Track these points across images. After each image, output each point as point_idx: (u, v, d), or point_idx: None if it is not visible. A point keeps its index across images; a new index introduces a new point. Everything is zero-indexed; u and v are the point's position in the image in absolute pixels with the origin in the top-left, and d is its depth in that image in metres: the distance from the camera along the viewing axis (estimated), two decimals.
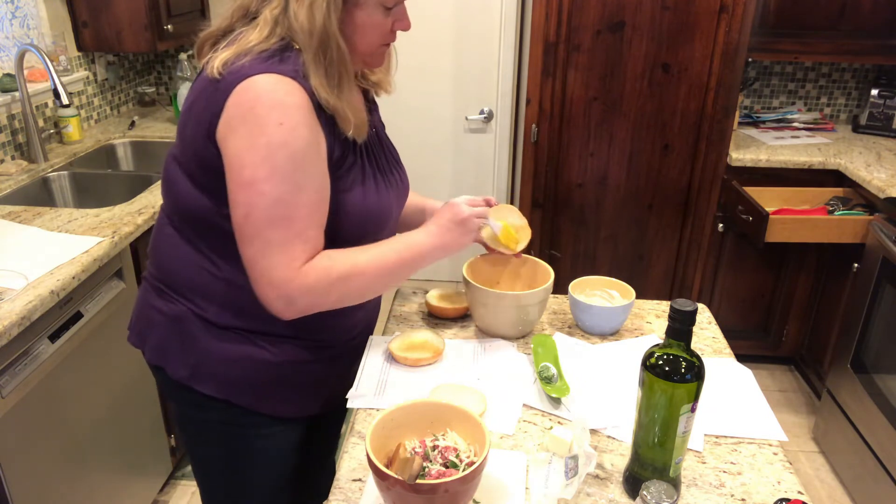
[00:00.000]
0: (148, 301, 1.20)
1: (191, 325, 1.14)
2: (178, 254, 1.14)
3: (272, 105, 0.98)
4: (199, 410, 1.20)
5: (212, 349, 1.15)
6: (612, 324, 1.37)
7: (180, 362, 1.16)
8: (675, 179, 2.54)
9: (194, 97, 1.06)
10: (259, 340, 1.15)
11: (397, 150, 1.36)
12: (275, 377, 1.18)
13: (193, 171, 1.07)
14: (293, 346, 1.18)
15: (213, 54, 1.04)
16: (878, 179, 2.36)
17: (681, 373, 0.90)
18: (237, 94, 0.98)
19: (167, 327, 1.17)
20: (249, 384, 1.17)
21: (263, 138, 0.97)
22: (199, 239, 1.12)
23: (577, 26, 2.34)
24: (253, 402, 1.19)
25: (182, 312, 1.15)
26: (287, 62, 1.01)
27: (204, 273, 1.12)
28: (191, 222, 1.12)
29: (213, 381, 1.16)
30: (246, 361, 1.15)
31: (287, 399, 1.22)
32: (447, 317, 1.42)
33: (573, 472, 0.98)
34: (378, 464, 0.87)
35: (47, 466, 1.57)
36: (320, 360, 1.22)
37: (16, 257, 1.62)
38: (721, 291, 2.81)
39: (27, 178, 2.20)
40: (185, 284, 1.14)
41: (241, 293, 1.10)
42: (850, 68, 3.03)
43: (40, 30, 2.51)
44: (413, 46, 3.04)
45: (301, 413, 1.26)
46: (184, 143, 1.08)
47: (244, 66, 1.00)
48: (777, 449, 1.09)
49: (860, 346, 2.29)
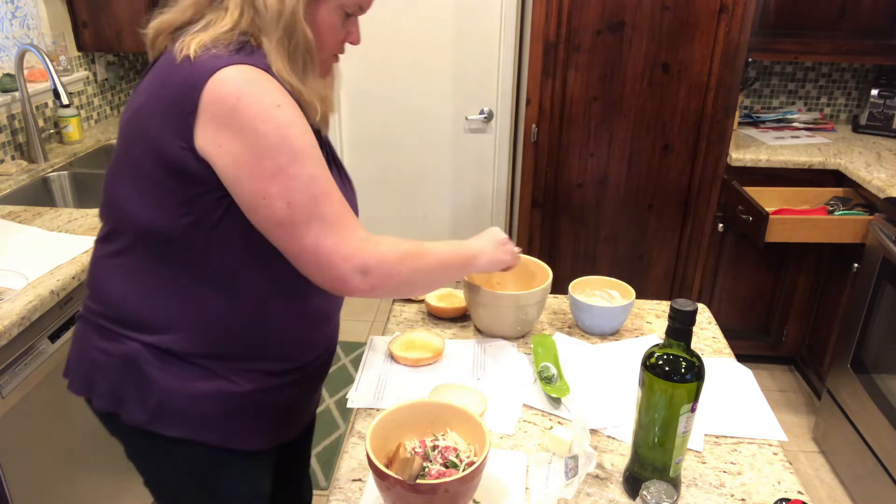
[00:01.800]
0: (90, 343, 1.09)
1: (146, 364, 1.04)
2: (130, 284, 1.04)
3: (261, 91, 0.93)
4: (162, 455, 1.11)
5: (173, 386, 1.04)
6: (612, 324, 1.37)
7: (137, 406, 1.05)
8: (675, 179, 2.54)
9: (151, 94, 0.98)
10: (222, 369, 1.06)
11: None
12: (243, 408, 1.09)
13: (162, 186, 0.97)
14: (257, 373, 1.09)
15: (187, 38, 0.96)
16: (878, 179, 2.36)
17: (681, 373, 0.90)
18: (213, 89, 0.91)
19: (117, 370, 1.05)
20: (217, 419, 1.08)
21: (268, 124, 0.92)
22: (159, 261, 1.02)
23: (577, 26, 2.34)
24: (222, 438, 1.09)
25: (135, 350, 1.04)
26: (253, 56, 0.96)
27: (165, 300, 1.03)
28: (149, 244, 1.01)
29: (178, 420, 1.06)
30: (212, 395, 1.06)
31: (257, 430, 1.13)
32: (446, 317, 1.42)
33: (573, 472, 0.98)
34: (378, 464, 0.87)
35: (47, 466, 1.57)
36: (287, 383, 1.14)
37: (16, 257, 1.62)
38: (721, 291, 2.81)
39: (27, 178, 2.19)
40: (140, 319, 1.04)
41: (208, 311, 1.03)
42: (850, 68, 3.03)
43: (40, 30, 2.51)
44: (413, 46, 3.04)
45: (272, 443, 1.18)
46: (143, 154, 0.97)
47: (211, 60, 0.93)
48: (777, 449, 1.09)
49: (860, 346, 2.29)
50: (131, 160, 1.00)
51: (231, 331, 1.05)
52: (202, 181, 0.95)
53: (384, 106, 3.15)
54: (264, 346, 1.09)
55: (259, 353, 1.09)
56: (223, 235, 0.99)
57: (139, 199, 0.99)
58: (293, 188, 0.93)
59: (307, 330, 1.14)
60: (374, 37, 2.99)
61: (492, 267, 1.26)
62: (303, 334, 1.14)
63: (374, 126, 3.19)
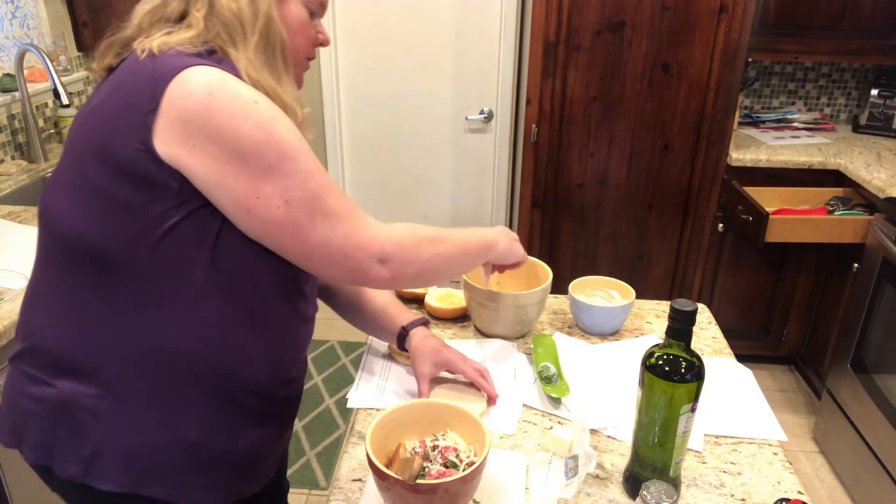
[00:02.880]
0: (19, 390, 0.96)
1: (78, 409, 0.91)
2: (63, 319, 0.93)
3: (235, 89, 0.86)
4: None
5: (112, 433, 0.92)
6: (612, 324, 1.37)
7: (70, 457, 0.93)
8: (675, 179, 2.54)
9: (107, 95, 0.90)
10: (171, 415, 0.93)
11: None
12: (193, 459, 0.95)
13: (103, 190, 0.87)
14: (213, 418, 0.95)
15: (144, 39, 0.90)
16: (878, 179, 2.36)
17: (681, 373, 0.90)
18: (179, 87, 0.83)
19: (48, 417, 0.93)
20: (162, 471, 0.94)
21: (248, 121, 0.85)
22: (97, 288, 0.90)
23: (577, 26, 2.34)
24: (168, 492, 0.95)
25: (68, 395, 0.92)
26: (221, 63, 0.89)
27: (101, 333, 0.91)
28: (87, 268, 0.90)
29: (115, 473, 0.93)
30: (156, 445, 0.93)
31: (211, 485, 0.98)
32: (446, 317, 1.42)
33: (573, 472, 0.98)
34: (378, 464, 0.87)
35: None
36: (247, 429, 1.00)
37: (16, 257, 1.62)
38: (721, 291, 2.81)
39: (27, 178, 2.20)
40: (72, 357, 0.92)
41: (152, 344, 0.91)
42: (850, 68, 3.03)
43: (40, 30, 2.51)
44: (413, 46, 3.04)
45: (229, 499, 1.02)
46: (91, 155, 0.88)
47: (176, 58, 0.86)
48: (777, 449, 1.09)
49: (860, 346, 2.29)
50: (76, 169, 0.90)
51: (183, 368, 0.92)
52: (157, 187, 0.86)
53: (384, 106, 3.15)
54: (221, 386, 0.95)
55: (215, 394, 0.95)
56: (175, 253, 0.88)
57: (79, 212, 0.89)
58: (289, 186, 0.88)
59: (275, 366, 1.00)
60: (374, 37, 2.99)
61: (507, 257, 1.22)
62: (269, 371, 0.99)
63: (374, 126, 3.19)
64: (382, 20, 2.98)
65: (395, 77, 3.10)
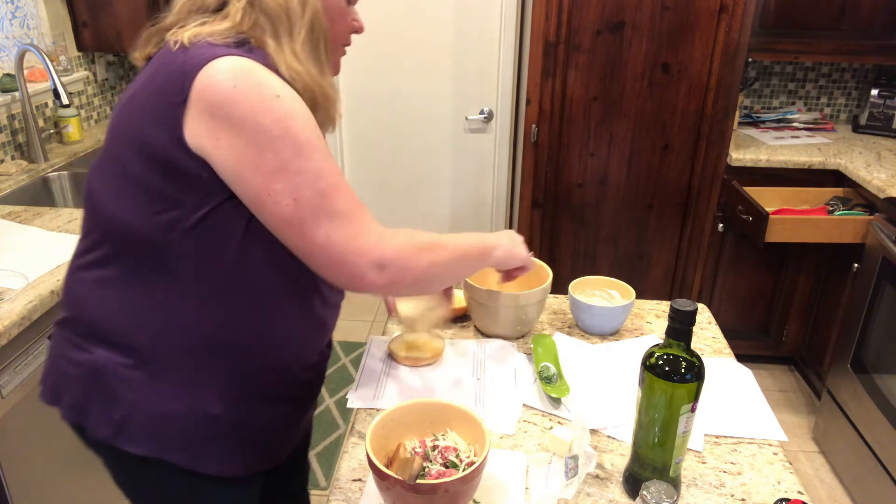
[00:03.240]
0: (61, 353, 1.04)
1: (111, 376, 0.98)
2: (104, 296, 0.99)
3: (259, 81, 0.87)
4: (131, 473, 1.06)
5: (140, 402, 0.98)
6: (612, 324, 1.37)
7: (102, 420, 1.00)
8: (675, 179, 2.54)
9: (141, 86, 0.93)
10: (193, 382, 0.99)
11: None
12: (215, 431, 1.01)
13: (140, 178, 0.91)
14: (237, 395, 1.01)
15: (178, 30, 0.92)
16: (878, 179, 2.36)
17: (681, 373, 0.90)
18: (206, 79, 0.85)
19: (84, 381, 1.00)
20: (186, 439, 1.00)
21: (268, 116, 0.86)
22: (135, 271, 0.96)
23: (577, 26, 2.34)
24: (190, 460, 1.02)
25: (103, 362, 0.98)
26: (252, 53, 0.90)
27: (133, 306, 0.97)
28: (126, 251, 0.96)
29: (143, 437, 0.99)
30: (181, 414, 0.99)
31: (230, 456, 1.04)
32: None
33: (573, 472, 0.98)
34: (378, 464, 0.87)
35: (47, 467, 1.57)
36: (268, 407, 1.06)
37: (16, 257, 1.62)
38: (721, 291, 2.81)
39: (27, 178, 2.20)
40: (108, 326, 0.98)
41: (185, 325, 0.96)
42: (850, 68, 3.03)
43: (40, 30, 2.51)
44: (413, 46, 3.04)
45: (249, 470, 1.08)
46: (128, 150, 0.92)
47: (206, 48, 0.88)
48: (777, 449, 1.09)
49: (860, 346, 2.29)
50: (114, 156, 0.95)
51: (208, 348, 0.97)
52: (189, 177, 0.89)
53: (384, 106, 3.15)
54: (243, 367, 1.00)
55: (237, 373, 1.00)
56: (206, 240, 0.93)
57: (116, 198, 0.94)
58: (299, 184, 0.89)
59: (298, 351, 1.06)
60: (374, 37, 2.99)
61: (508, 261, 1.21)
62: (291, 356, 1.05)
63: (374, 126, 3.19)
64: (382, 20, 2.98)
65: (395, 77, 3.10)
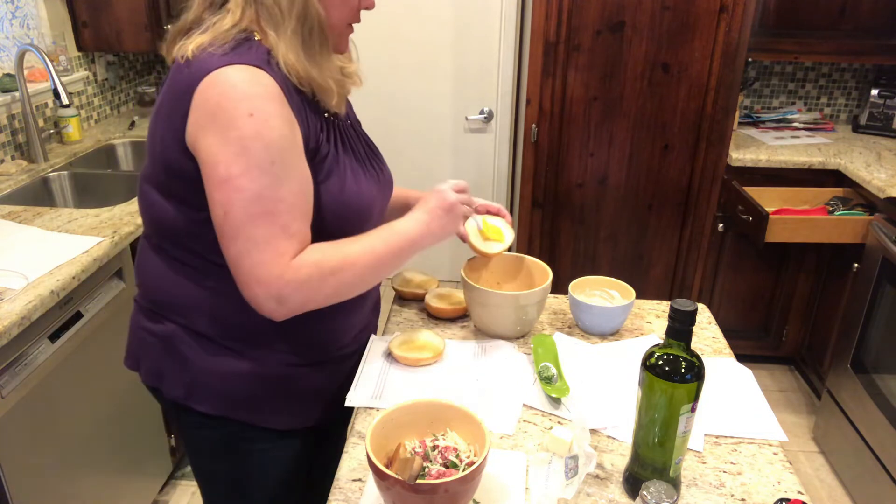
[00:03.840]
0: (139, 323, 1.18)
1: (181, 344, 1.12)
2: (160, 272, 1.12)
3: (239, 97, 0.94)
4: (198, 428, 1.20)
5: (204, 366, 1.12)
6: (612, 324, 1.37)
7: (175, 382, 1.15)
8: (675, 179, 2.54)
9: (162, 98, 1.03)
10: (250, 352, 1.13)
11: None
12: (270, 390, 1.16)
13: (165, 184, 1.04)
14: (285, 357, 1.15)
15: (186, 41, 1.00)
16: (878, 179, 2.36)
17: (681, 373, 0.90)
18: (201, 91, 0.95)
19: (159, 348, 1.15)
20: (244, 399, 1.15)
21: (235, 132, 0.94)
22: (179, 252, 1.09)
23: (577, 26, 2.34)
24: (250, 416, 1.17)
25: (172, 331, 1.13)
26: (251, 52, 0.97)
27: (188, 287, 1.10)
28: (168, 237, 1.09)
29: (209, 398, 1.14)
30: (239, 376, 1.13)
31: (284, 411, 1.20)
32: (446, 317, 1.42)
33: (573, 472, 0.98)
34: (378, 464, 0.87)
35: (47, 466, 1.57)
36: (315, 369, 1.20)
37: (16, 257, 1.62)
38: (721, 291, 2.81)
39: (27, 178, 2.20)
40: (171, 302, 1.12)
41: (227, 303, 1.08)
42: (850, 68, 3.03)
43: (40, 30, 2.51)
44: (413, 46, 3.04)
45: (301, 424, 1.23)
46: (154, 155, 1.05)
47: (207, 60, 0.96)
48: (777, 449, 1.09)
49: (860, 346, 2.29)
50: (147, 161, 1.08)
51: (248, 329, 1.10)
52: (196, 181, 0.99)
53: (384, 106, 3.15)
54: (282, 336, 1.12)
55: (278, 341, 1.13)
56: None
57: (152, 198, 1.08)
58: (234, 201, 0.95)
59: (325, 322, 1.16)
60: (374, 37, 2.99)
61: (441, 240, 1.18)
62: (328, 323, 1.16)
63: (373, 126, 3.16)
64: (382, 20, 2.98)
65: (395, 77, 3.10)
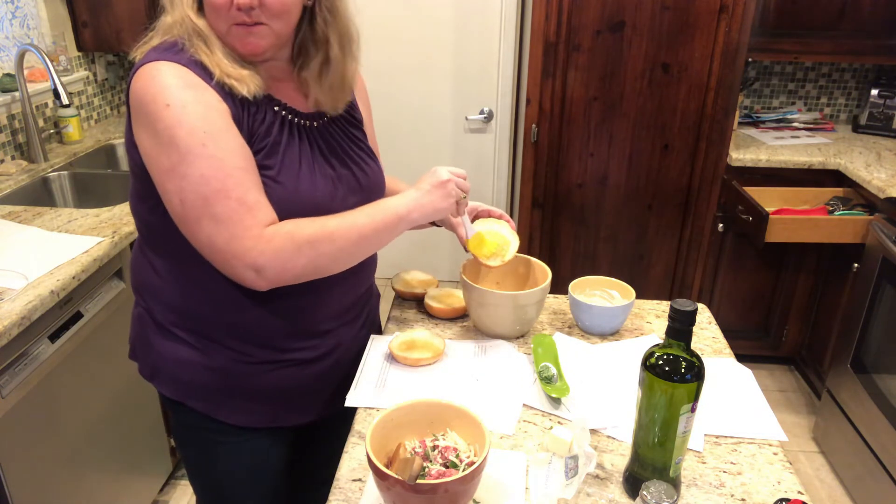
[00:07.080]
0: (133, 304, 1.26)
1: (147, 326, 1.18)
2: (136, 257, 1.20)
3: (156, 91, 0.99)
4: (172, 410, 1.23)
5: (164, 350, 1.16)
6: (612, 324, 1.37)
7: (145, 361, 1.21)
8: (675, 179, 2.54)
9: None
10: (199, 344, 1.14)
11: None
12: (221, 384, 1.16)
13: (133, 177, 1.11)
14: (233, 353, 1.14)
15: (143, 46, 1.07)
16: (878, 179, 2.36)
17: (681, 373, 0.90)
18: (131, 89, 1.02)
19: (134, 327, 1.23)
20: (197, 388, 1.16)
21: (160, 124, 0.98)
22: (144, 239, 1.17)
23: (577, 26, 2.34)
24: (205, 407, 1.17)
25: (141, 313, 1.19)
26: (178, 52, 1.02)
27: (149, 272, 1.15)
28: (139, 227, 1.16)
29: (167, 381, 1.18)
30: (190, 364, 1.14)
31: (240, 408, 1.18)
32: (446, 317, 1.42)
33: (573, 472, 0.98)
34: (378, 464, 0.87)
35: (47, 466, 1.57)
36: (271, 369, 1.17)
37: (16, 257, 1.62)
38: (721, 291, 2.81)
39: (27, 178, 2.20)
40: (137, 285, 1.19)
41: (176, 291, 1.12)
42: (850, 68, 3.03)
43: (40, 30, 2.51)
44: (413, 46, 3.04)
45: (261, 423, 1.21)
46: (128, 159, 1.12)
47: (141, 60, 1.03)
48: (777, 449, 1.09)
49: (860, 346, 2.29)
50: None
51: (205, 320, 1.13)
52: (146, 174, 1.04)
53: (384, 106, 3.14)
54: (230, 332, 1.13)
55: (226, 336, 1.14)
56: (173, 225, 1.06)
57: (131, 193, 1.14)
58: (183, 188, 0.99)
59: (287, 329, 1.15)
60: (374, 36, 2.99)
61: (430, 217, 1.16)
62: (283, 332, 1.15)
63: (374, 126, 3.18)
64: (382, 20, 2.98)
65: (395, 77, 3.10)
